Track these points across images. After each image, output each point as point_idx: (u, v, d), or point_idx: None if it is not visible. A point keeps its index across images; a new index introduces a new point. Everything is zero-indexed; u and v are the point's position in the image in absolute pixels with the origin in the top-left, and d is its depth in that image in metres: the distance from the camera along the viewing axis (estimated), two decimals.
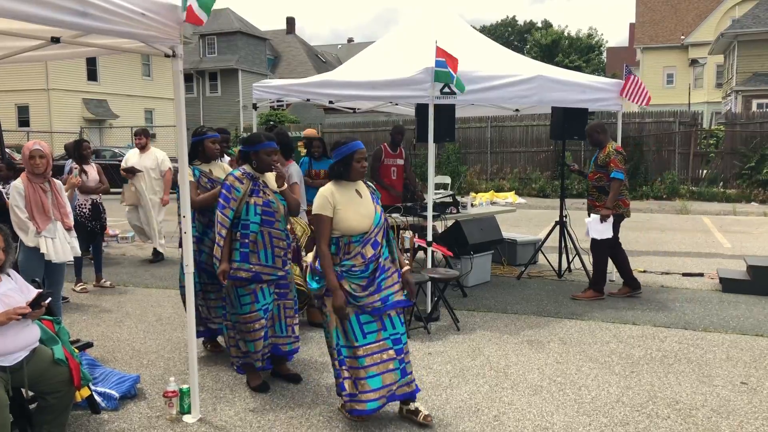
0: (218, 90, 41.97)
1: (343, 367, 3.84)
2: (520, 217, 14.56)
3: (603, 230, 6.87)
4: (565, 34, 56.82)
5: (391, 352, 3.84)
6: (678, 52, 42.36)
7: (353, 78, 6.96)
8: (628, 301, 7.03)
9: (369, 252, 3.81)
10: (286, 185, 4.56)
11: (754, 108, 27.01)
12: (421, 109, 6.38)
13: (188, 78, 40.68)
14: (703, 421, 4.02)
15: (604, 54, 58.59)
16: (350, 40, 61.13)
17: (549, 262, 8.48)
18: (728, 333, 5.89)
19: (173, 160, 9.95)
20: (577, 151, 19.45)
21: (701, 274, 8.29)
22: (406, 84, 6.22)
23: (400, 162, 8.08)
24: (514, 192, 18.75)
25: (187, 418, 4.07)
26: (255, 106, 8.01)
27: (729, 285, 7.50)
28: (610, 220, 6.86)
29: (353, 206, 3.85)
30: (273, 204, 4.38)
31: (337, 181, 3.91)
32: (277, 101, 7.98)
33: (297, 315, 4.65)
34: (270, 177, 4.52)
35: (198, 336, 5.26)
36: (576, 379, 4.74)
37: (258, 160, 4.39)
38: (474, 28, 8.43)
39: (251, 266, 4.31)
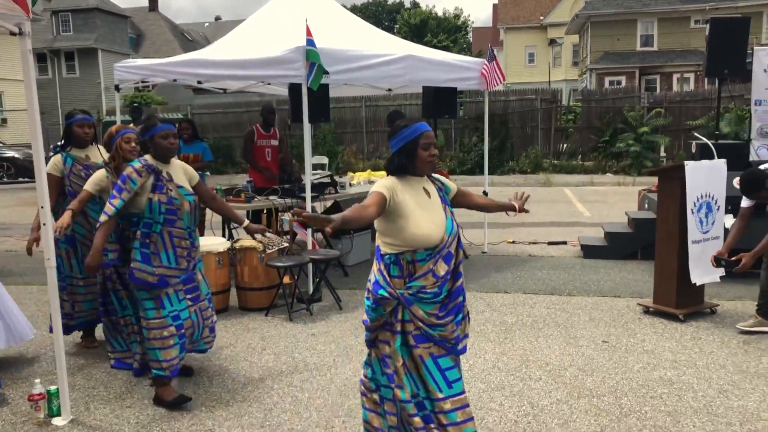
0: (76, 71, 39.25)
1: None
2: None
3: None
4: (433, 14, 58.06)
5: (468, 410, 2.91)
6: (538, 32, 44.50)
7: (223, 57, 6.75)
8: (501, 271, 7.37)
9: (442, 269, 2.85)
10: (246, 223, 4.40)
11: (606, 85, 28.96)
12: (295, 89, 6.30)
13: (41, 58, 37.75)
14: (571, 380, 4.31)
15: (470, 34, 60.49)
16: (218, 18, 59.12)
17: None
18: (590, 296, 6.34)
19: (28, 146, 9.23)
20: (448, 129, 20.02)
21: (565, 242, 8.83)
22: (277, 63, 6.11)
23: (275, 143, 7.95)
24: None
25: (57, 421, 3.83)
26: (117, 88, 7.57)
27: (589, 251, 8.06)
28: None
29: (423, 211, 2.88)
30: (176, 201, 3.97)
31: (400, 177, 2.92)
32: (142, 82, 7.58)
33: (213, 311, 4.30)
34: (177, 168, 4.12)
35: (72, 330, 4.98)
36: None
37: (155, 146, 3.98)
38: (345, 7, 8.41)
39: (154, 269, 3.89)
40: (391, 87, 8.98)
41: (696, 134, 7.82)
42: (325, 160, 14.92)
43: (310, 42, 5.83)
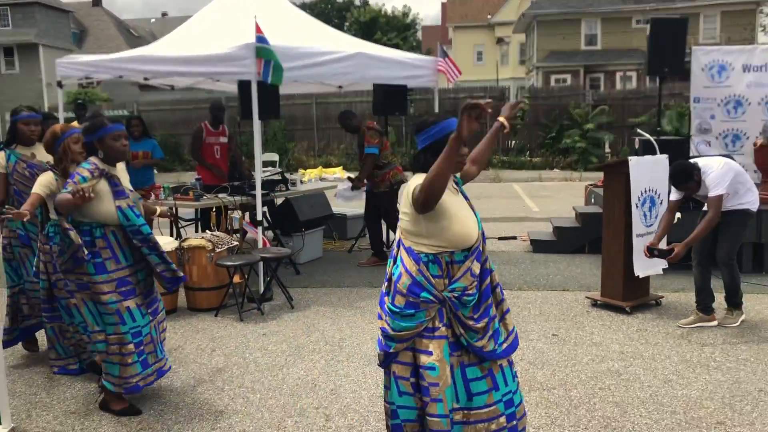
0: (16, 67, 37.88)
1: None
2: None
3: (350, 197, 7.42)
4: (383, 12, 58.14)
5: (502, 420, 2.78)
6: (486, 31, 45.04)
7: (170, 53, 6.61)
8: None
9: (477, 267, 2.76)
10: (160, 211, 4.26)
11: (552, 83, 29.51)
12: (244, 86, 6.21)
13: None
14: (522, 373, 4.37)
15: (420, 32, 60.77)
16: (164, 14, 57.89)
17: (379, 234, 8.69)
18: (540, 290, 6.44)
19: None
20: (399, 126, 20.08)
21: (515, 237, 8.96)
22: (226, 60, 6.02)
23: (224, 140, 7.82)
24: (341, 168, 18.98)
25: None
26: (60, 84, 7.33)
27: (538, 246, 8.20)
28: (362, 190, 7.41)
29: (460, 209, 2.77)
30: (134, 207, 3.77)
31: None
32: (86, 78, 7.36)
33: (166, 323, 4.11)
34: (122, 172, 3.87)
35: (14, 342, 4.77)
36: None
37: (105, 148, 3.69)
38: (294, 4, 8.34)
39: (110, 274, 3.68)
40: (341, 84, 8.94)
41: (639, 131, 8.02)
42: (275, 157, 14.80)
43: (261, 39, 5.75)
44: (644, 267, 5.68)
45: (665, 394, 4.03)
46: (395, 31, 54.88)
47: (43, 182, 4.10)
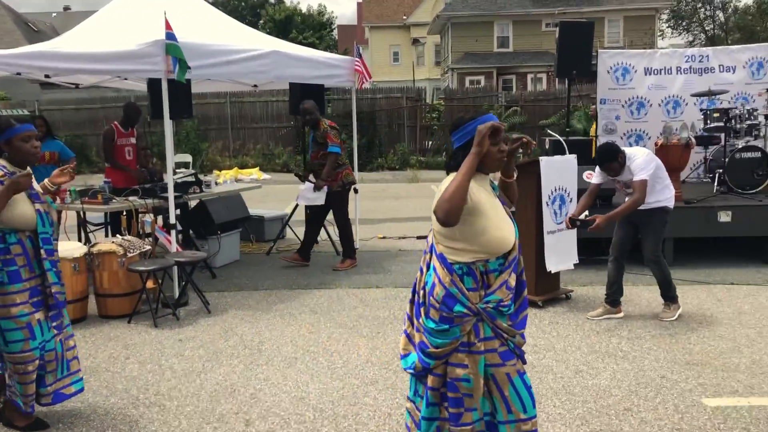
0: None
1: None
2: (267, 192, 14.57)
3: (314, 198, 7.23)
4: (298, 10, 57.72)
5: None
6: (402, 32, 45.52)
7: (73, 49, 6.31)
8: (372, 266, 7.45)
9: (513, 279, 2.63)
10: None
11: (467, 84, 30.15)
12: (154, 84, 6.02)
13: None
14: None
15: (336, 31, 60.73)
16: (67, 8, 55.33)
17: (297, 236, 8.63)
18: None
19: None
20: None
21: (425, 237, 9.07)
22: (134, 57, 5.82)
23: (134, 141, 7.56)
24: (258, 168, 18.72)
25: None
26: None
27: None
28: (324, 189, 7.20)
29: (496, 212, 2.65)
30: (49, 214, 3.53)
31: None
32: None
33: (74, 340, 3.79)
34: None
35: None
36: (328, 346, 4.92)
37: (14, 151, 3.43)
38: (206, 1, 8.15)
39: (23, 284, 3.42)
40: (256, 83, 8.82)
41: (549, 131, 8.32)
42: (188, 158, 14.42)
43: (170, 36, 5.59)
44: (556, 263, 5.88)
45: (576, 384, 4.19)
46: (311, 30, 54.60)
47: None
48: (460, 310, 2.55)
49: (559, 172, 5.91)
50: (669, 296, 5.51)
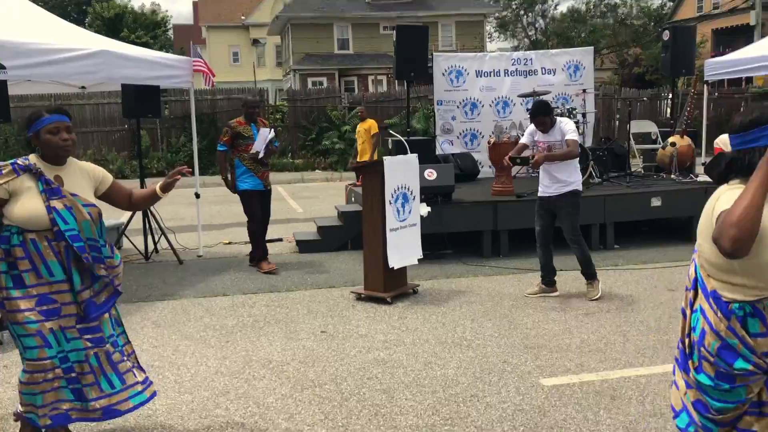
0: None
1: None
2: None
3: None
4: (129, 8, 54.75)
5: None
6: (241, 32, 44.63)
7: None
8: (219, 274, 7.24)
9: None
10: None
11: (310, 85, 30.17)
12: None
13: None
14: (294, 373, 4.41)
15: (171, 31, 58.32)
16: None
17: (135, 246, 8.18)
18: (307, 289, 6.55)
19: None
20: (154, 128, 19.07)
21: (281, 239, 9.00)
22: None
23: None
24: None
25: None
26: None
27: (304, 246, 8.33)
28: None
29: None
30: (72, 210, 3.14)
31: (733, 184, 2.08)
32: None
33: (130, 346, 3.44)
34: (74, 173, 3.24)
35: None
36: (174, 360, 4.71)
37: (41, 144, 3.14)
38: None
39: (28, 290, 3.07)
40: (84, 84, 8.26)
41: (392, 132, 8.55)
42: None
43: None
44: (399, 259, 6.05)
45: (426, 375, 4.33)
46: (144, 29, 52.03)
47: None
48: (744, 366, 1.97)
49: (402, 171, 6.08)
50: (589, 273, 5.94)
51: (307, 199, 13.44)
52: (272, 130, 7.23)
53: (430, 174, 7.31)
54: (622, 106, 19.32)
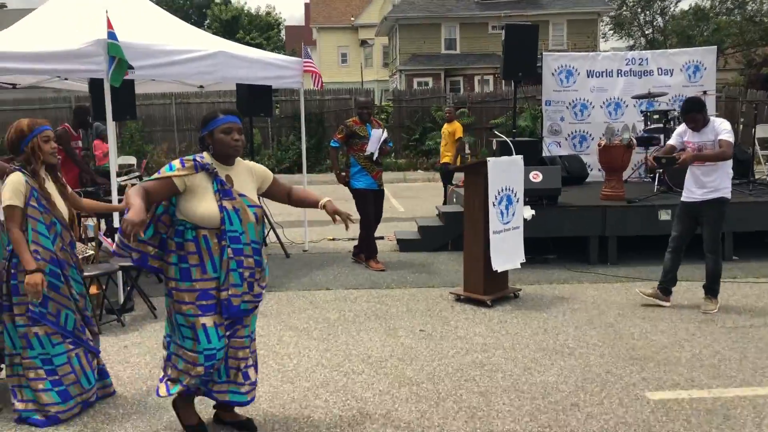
0: None
1: None
2: None
3: None
4: (245, 10, 57.06)
5: None
6: (350, 33, 45.47)
7: (11, 48, 6.09)
8: (323, 269, 7.42)
9: None
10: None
11: (415, 86, 30.32)
12: (96, 85, 5.87)
13: None
14: (392, 370, 4.45)
15: (283, 32, 60.28)
16: (2, 6, 53.45)
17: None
18: (407, 288, 6.59)
19: None
20: (265, 127, 19.79)
21: (382, 237, 9.10)
22: (76, 56, 5.64)
23: (80, 144, 7.39)
24: None
25: None
26: None
27: (404, 245, 8.39)
28: None
29: None
30: (239, 212, 3.28)
31: None
32: None
33: (254, 344, 3.61)
34: (242, 173, 3.39)
35: None
36: (278, 350, 4.88)
37: (214, 143, 3.29)
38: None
39: (192, 284, 3.26)
40: (202, 84, 8.68)
41: (496, 132, 8.45)
42: (132, 160, 14.09)
43: (112, 35, 5.45)
44: (502, 262, 5.97)
45: (525, 381, 4.26)
46: (258, 30, 54.05)
47: (14, 188, 3.61)
48: None
49: (506, 173, 5.99)
50: (713, 289, 5.67)
51: (409, 199, 13.51)
52: (385, 130, 7.35)
53: (536, 176, 7.16)
54: (747, 108, 18.15)
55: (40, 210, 3.68)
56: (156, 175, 3.25)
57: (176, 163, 3.28)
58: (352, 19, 45.24)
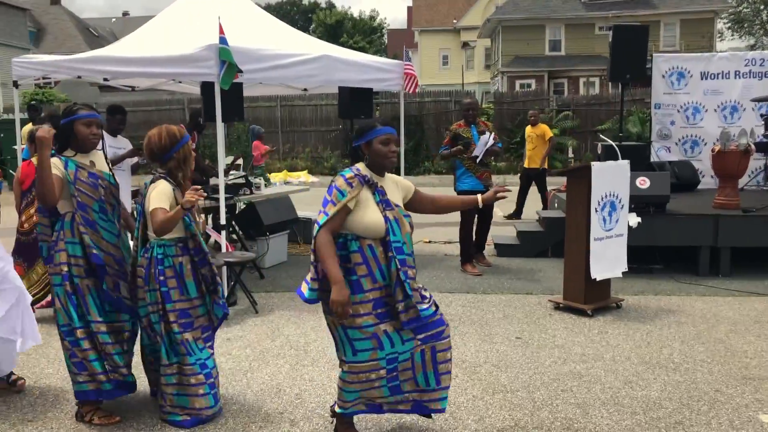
0: None
1: None
2: (315, 195, 14.71)
3: None
4: (349, 15, 58.14)
5: None
6: (451, 35, 45.35)
7: (131, 54, 6.50)
8: (419, 271, 7.40)
9: None
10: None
11: (517, 88, 29.84)
12: (207, 88, 6.14)
13: None
14: (486, 376, 4.39)
15: (386, 36, 60.93)
16: (126, 14, 57.02)
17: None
18: (504, 293, 6.49)
19: None
20: None
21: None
22: (189, 61, 5.94)
23: (194, 145, 7.77)
24: (306, 171, 18.92)
25: None
26: (16, 84, 7.15)
27: (502, 250, 8.27)
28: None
29: None
30: (399, 222, 3.32)
31: None
32: (43, 78, 7.20)
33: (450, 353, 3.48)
34: (390, 184, 3.40)
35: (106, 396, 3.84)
36: None
37: (372, 153, 3.29)
38: (258, 6, 8.29)
39: (365, 294, 3.23)
40: (306, 87, 8.91)
41: (602, 136, 8.16)
42: (239, 160, 14.65)
43: (223, 40, 5.70)
44: (602, 270, 5.76)
45: (626, 395, 4.09)
46: (361, 34, 54.93)
47: (165, 196, 3.61)
48: None
49: (610, 178, 5.79)
50: None
51: (508, 203, 13.27)
52: (493, 134, 7.32)
53: (643, 182, 6.87)
54: None
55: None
56: (330, 206, 3.20)
57: (341, 184, 3.22)
58: (455, 21, 45.10)
